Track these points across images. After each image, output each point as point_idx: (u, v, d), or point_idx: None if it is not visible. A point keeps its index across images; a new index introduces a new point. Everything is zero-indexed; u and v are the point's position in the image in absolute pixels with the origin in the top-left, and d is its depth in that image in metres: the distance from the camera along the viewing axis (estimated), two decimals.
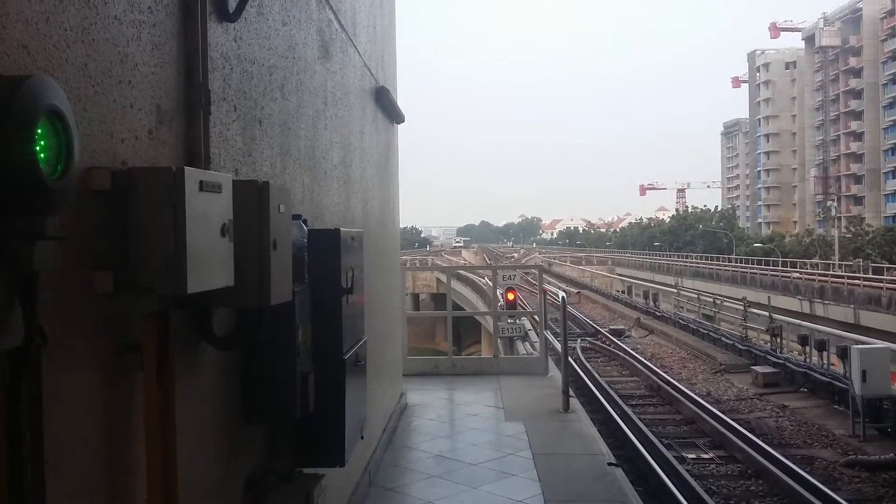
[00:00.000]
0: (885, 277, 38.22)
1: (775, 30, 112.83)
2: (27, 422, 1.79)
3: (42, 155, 1.72)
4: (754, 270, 52.23)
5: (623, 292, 45.52)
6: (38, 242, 1.78)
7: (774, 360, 19.56)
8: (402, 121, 9.81)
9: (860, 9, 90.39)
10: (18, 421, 1.77)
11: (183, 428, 2.57)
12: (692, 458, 12.21)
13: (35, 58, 1.93)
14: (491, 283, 16.02)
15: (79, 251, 2.10)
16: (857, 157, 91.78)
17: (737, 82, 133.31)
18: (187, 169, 2.30)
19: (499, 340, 14.60)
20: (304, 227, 3.84)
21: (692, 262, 65.54)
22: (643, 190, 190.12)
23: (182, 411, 2.56)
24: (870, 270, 43.32)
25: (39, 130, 1.70)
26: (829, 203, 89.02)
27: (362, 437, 4.70)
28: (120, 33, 2.39)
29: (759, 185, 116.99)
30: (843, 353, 14.95)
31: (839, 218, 79.09)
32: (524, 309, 24.36)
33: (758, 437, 12.87)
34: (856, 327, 30.47)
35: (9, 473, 1.74)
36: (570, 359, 11.01)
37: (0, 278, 1.75)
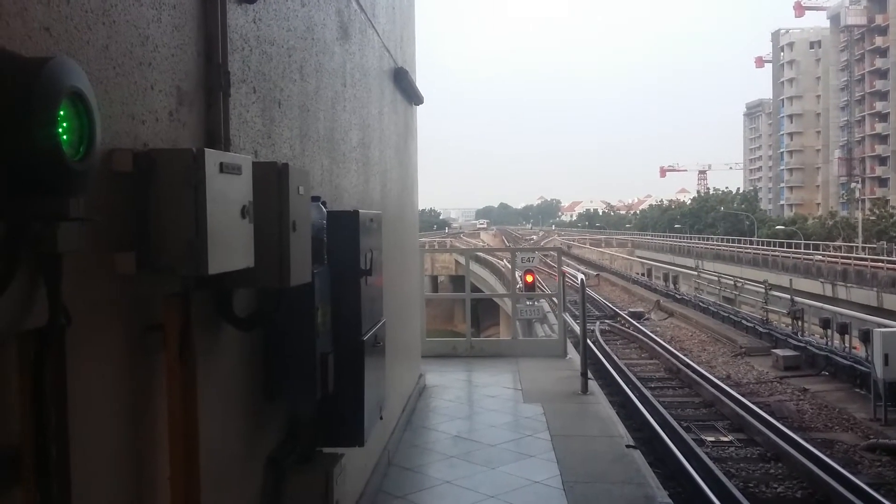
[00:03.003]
0: None
1: (800, 9, 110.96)
2: (52, 400, 1.82)
3: (64, 137, 1.73)
4: (776, 253, 51.69)
5: (643, 275, 45.30)
6: (62, 224, 1.79)
7: (795, 343, 19.41)
8: (421, 102, 9.77)
9: None
10: (43, 399, 1.79)
11: (205, 407, 2.60)
12: (711, 441, 12.17)
13: (57, 39, 1.95)
14: (510, 266, 15.99)
15: (101, 232, 2.11)
16: (883, 139, 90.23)
17: (760, 62, 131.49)
18: (207, 150, 2.31)
19: (517, 323, 14.60)
20: (324, 209, 3.85)
21: (713, 245, 64.95)
22: (663, 172, 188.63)
23: (204, 391, 2.59)
24: (893, 253, 42.75)
25: (62, 112, 1.71)
26: (852, 185, 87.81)
27: (381, 418, 4.73)
28: (140, 15, 2.40)
29: (781, 167, 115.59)
30: (866, 337, 14.78)
31: (863, 200, 78.00)
32: (543, 291, 24.32)
33: (778, 421, 12.81)
34: (879, 310, 30.09)
35: (35, 451, 1.77)
36: (588, 341, 11.00)
37: (25, 260, 1.77)
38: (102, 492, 2.14)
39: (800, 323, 20.90)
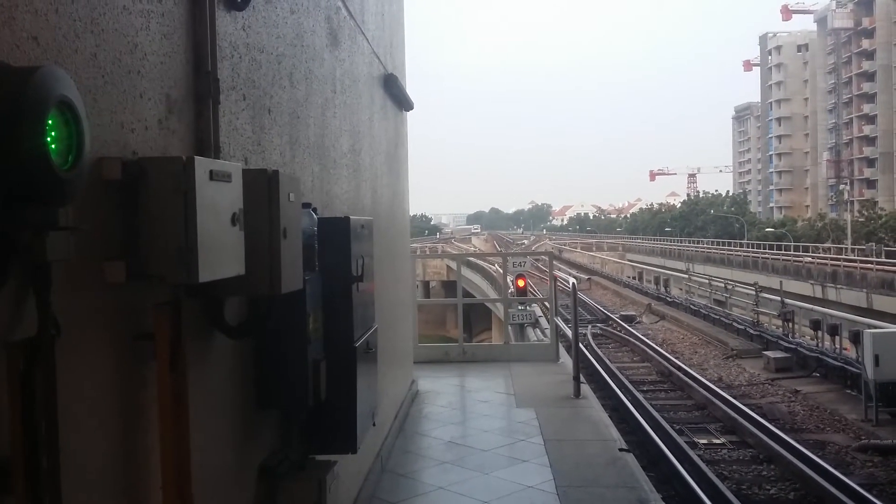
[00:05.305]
0: None
1: (787, 12, 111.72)
2: (42, 411, 1.81)
3: (53, 146, 1.73)
4: (766, 255, 51.90)
5: (634, 278, 45.41)
6: (51, 233, 1.79)
7: (786, 344, 19.50)
8: (411, 108, 9.78)
9: None
10: (34, 410, 1.78)
11: (196, 416, 2.59)
12: (704, 444, 12.21)
13: (45, 49, 1.94)
14: (501, 270, 16.01)
15: (91, 241, 2.10)
16: (870, 141, 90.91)
17: (748, 66, 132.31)
18: (197, 158, 2.30)
19: (509, 327, 14.59)
20: (314, 216, 3.85)
21: (703, 248, 65.13)
22: (653, 175, 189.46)
23: (195, 399, 2.58)
24: (882, 254, 42.99)
25: (50, 121, 1.71)
26: (841, 187, 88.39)
27: (374, 424, 4.72)
28: (129, 23, 2.39)
29: (770, 170, 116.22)
30: (856, 338, 14.87)
31: (852, 202, 78.47)
32: (535, 296, 24.33)
33: (770, 422, 12.85)
34: (869, 311, 30.21)
35: (25, 462, 1.76)
36: (580, 345, 11.01)
37: (14, 269, 1.77)
38: (93, 502, 2.13)
39: (790, 325, 20.98)
